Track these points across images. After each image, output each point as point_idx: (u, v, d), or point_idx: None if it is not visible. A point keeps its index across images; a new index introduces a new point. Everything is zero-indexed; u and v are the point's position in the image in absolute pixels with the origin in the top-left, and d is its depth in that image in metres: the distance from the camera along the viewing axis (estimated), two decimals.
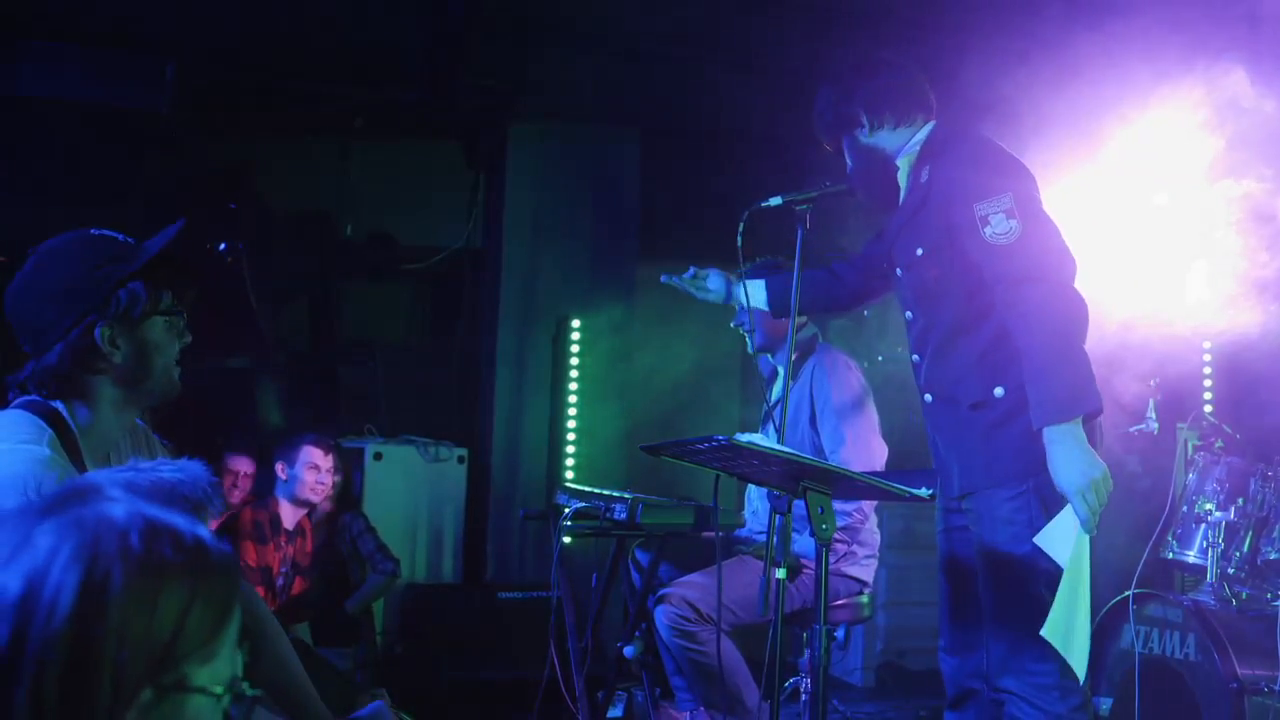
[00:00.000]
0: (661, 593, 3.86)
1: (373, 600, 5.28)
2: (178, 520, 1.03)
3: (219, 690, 1.03)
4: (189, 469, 1.64)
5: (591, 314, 6.18)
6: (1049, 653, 2.75)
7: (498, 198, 6.34)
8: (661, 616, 3.78)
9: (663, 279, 3.69)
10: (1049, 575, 2.75)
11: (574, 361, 6.15)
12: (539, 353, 6.24)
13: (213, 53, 5.23)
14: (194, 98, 5.17)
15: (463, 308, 6.58)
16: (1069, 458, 2.65)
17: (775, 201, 3.10)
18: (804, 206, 3.09)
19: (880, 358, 5.39)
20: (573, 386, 6.15)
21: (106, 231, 2.14)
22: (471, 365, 6.46)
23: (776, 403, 3.88)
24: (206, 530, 1.06)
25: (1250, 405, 6.02)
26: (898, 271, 3.08)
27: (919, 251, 2.95)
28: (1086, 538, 2.67)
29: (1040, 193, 2.91)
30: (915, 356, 3.06)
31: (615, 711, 4.11)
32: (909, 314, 3.07)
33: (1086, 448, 2.66)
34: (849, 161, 3.10)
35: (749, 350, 4.19)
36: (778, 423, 3.19)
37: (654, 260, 6.43)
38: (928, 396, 3.02)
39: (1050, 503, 2.76)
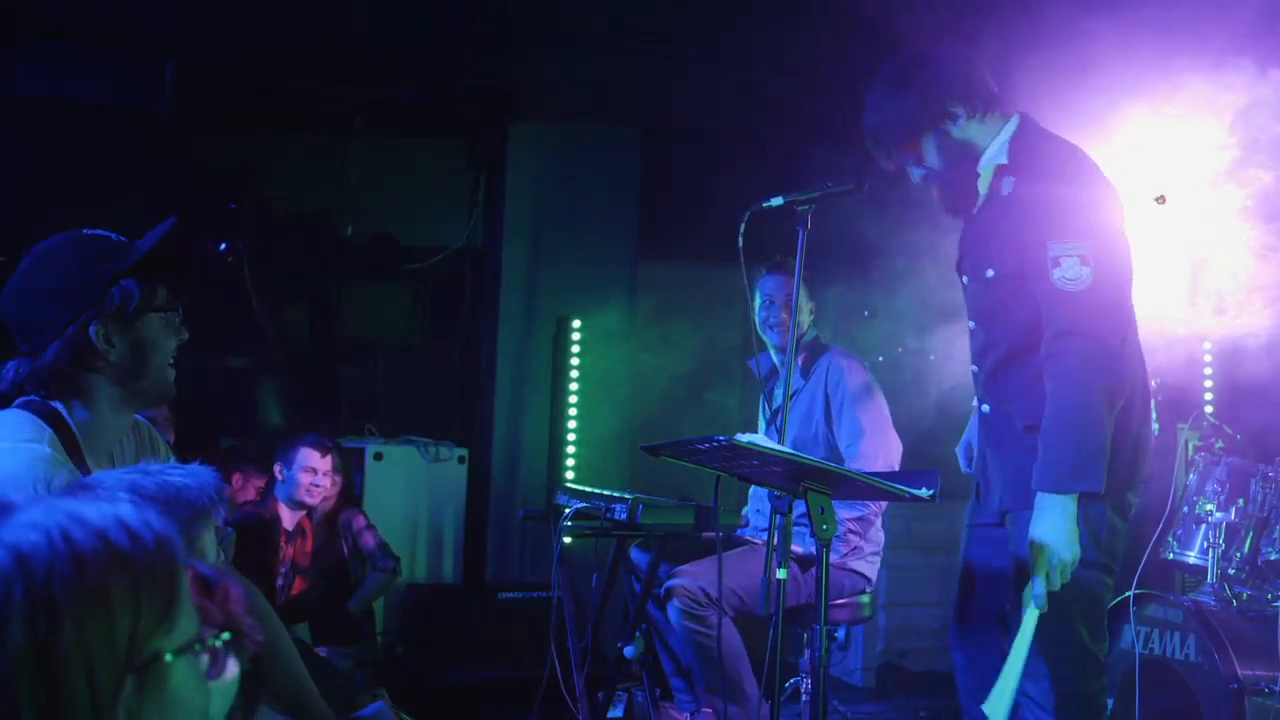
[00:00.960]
0: (674, 573, 3.87)
1: (374, 598, 5.28)
2: (91, 512, 1.02)
3: (193, 648, 1.05)
4: (198, 474, 1.64)
5: (591, 314, 6.18)
6: (1074, 661, 2.74)
7: (498, 198, 6.34)
8: (673, 596, 3.80)
9: None
10: (1082, 588, 2.73)
11: (574, 361, 6.14)
12: (539, 353, 6.23)
13: (213, 53, 5.23)
14: (194, 98, 5.17)
15: (463, 308, 6.58)
16: (1050, 529, 2.62)
17: (776, 202, 3.09)
18: (805, 207, 3.08)
19: (881, 358, 5.39)
20: (573, 386, 6.15)
21: (99, 231, 2.15)
22: (471, 365, 6.46)
23: (779, 408, 3.88)
24: (126, 510, 1.05)
25: (1250, 405, 6.02)
26: (964, 279, 3.00)
27: (989, 273, 2.85)
28: (1035, 613, 2.63)
29: (1123, 212, 2.80)
30: (975, 367, 3.00)
31: (615, 711, 4.11)
32: (972, 324, 2.99)
33: (1070, 526, 2.62)
34: (937, 162, 2.89)
35: (770, 343, 4.17)
36: (780, 425, 3.18)
37: (654, 260, 6.45)
38: (985, 407, 2.96)
39: (1096, 529, 2.73)
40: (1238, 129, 3.83)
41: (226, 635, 1.11)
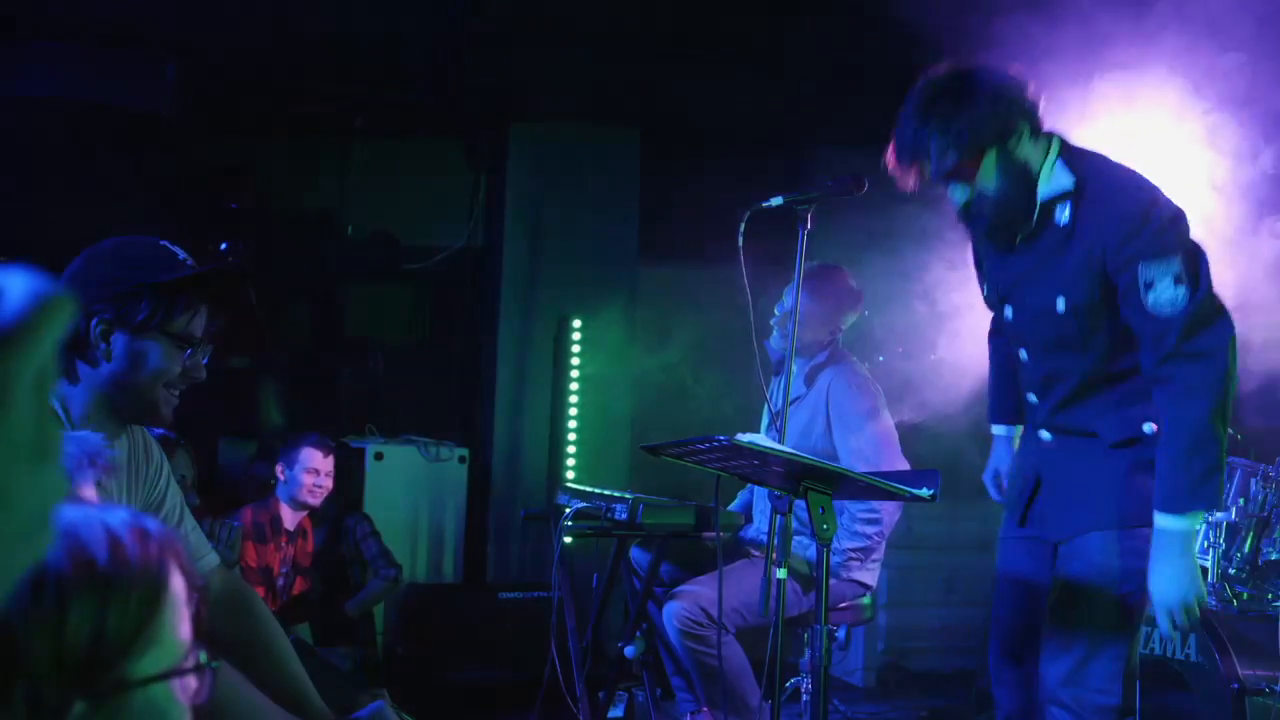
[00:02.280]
0: (674, 592, 3.86)
1: (373, 604, 5.28)
2: (78, 519, 0.97)
3: (172, 674, 1.00)
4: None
5: (591, 314, 6.18)
6: (1121, 674, 2.70)
7: (498, 198, 6.34)
8: (672, 618, 3.78)
9: None
10: (1139, 606, 2.69)
11: (574, 361, 6.14)
12: (539, 353, 6.23)
13: (213, 52, 5.23)
14: (194, 98, 5.17)
15: (463, 308, 6.58)
16: (1170, 563, 2.55)
17: (776, 202, 3.08)
18: (805, 207, 3.07)
19: (881, 358, 5.39)
20: (573, 386, 6.15)
21: (165, 243, 2.12)
22: (471, 365, 6.46)
23: (779, 411, 3.87)
24: (119, 517, 0.99)
25: (1250, 405, 6.02)
26: (1008, 311, 2.84)
27: (1061, 304, 2.68)
28: None
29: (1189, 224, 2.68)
30: (1032, 397, 2.86)
31: (616, 711, 4.10)
32: (1024, 354, 2.84)
33: (1193, 559, 2.54)
34: (994, 182, 2.66)
35: (785, 352, 4.11)
36: (781, 425, 3.18)
37: (654, 260, 6.45)
38: (1045, 434, 2.84)
39: (1145, 544, 2.65)
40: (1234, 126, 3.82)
41: (215, 664, 1.05)
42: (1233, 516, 4.00)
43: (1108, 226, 2.59)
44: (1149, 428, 2.65)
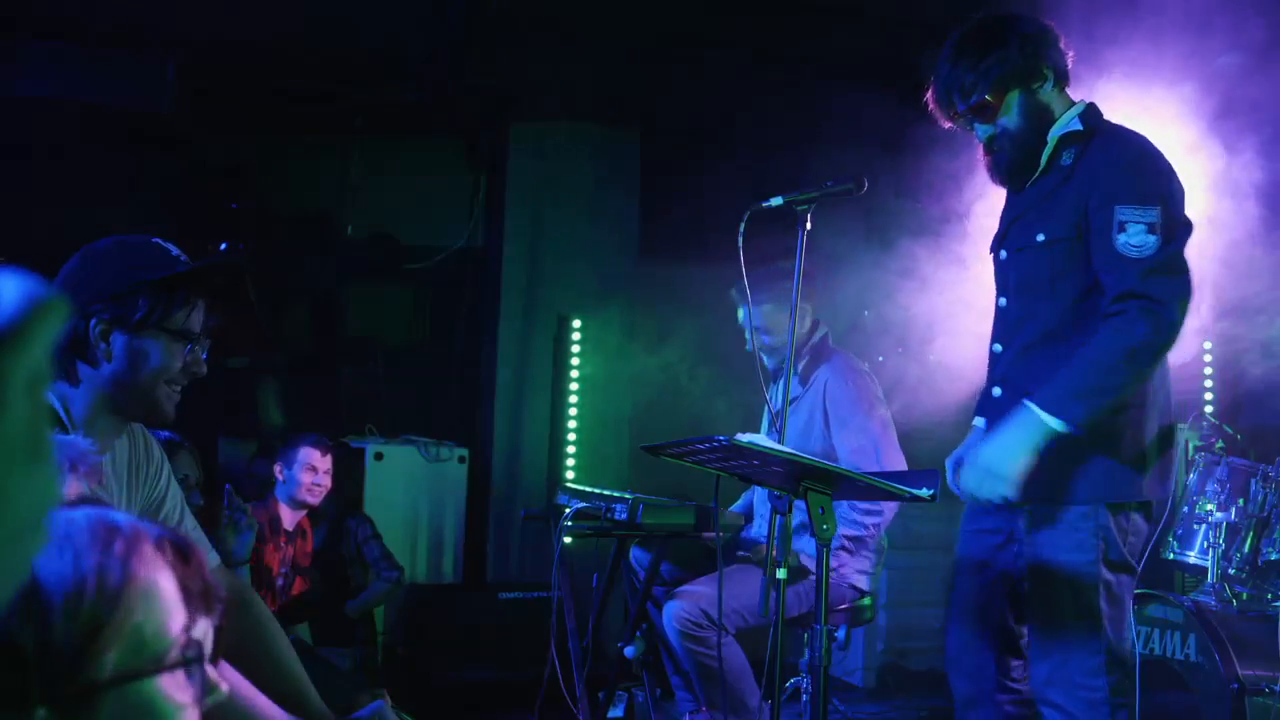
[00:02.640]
0: (674, 592, 3.86)
1: (374, 606, 5.29)
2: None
3: (144, 671, 0.98)
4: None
5: (591, 314, 6.18)
6: (1104, 667, 2.71)
7: (498, 198, 6.34)
8: (672, 620, 3.78)
9: None
10: (1107, 585, 2.72)
11: (574, 361, 6.14)
12: (539, 353, 6.23)
13: (213, 52, 5.23)
14: (194, 98, 5.17)
15: (463, 308, 6.58)
16: (1008, 436, 2.65)
17: (776, 201, 3.08)
18: (805, 207, 3.07)
19: (881, 358, 5.39)
20: (573, 386, 6.14)
21: (159, 240, 2.13)
22: (471, 365, 6.46)
23: (778, 411, 3.87)
24: (82, 523, 0.97)
25: (1250, 405, 6.02)
26: (1003, 254, 2.93)
27: (1040, 237, 2.79)
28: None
29: (1184, 198, 2.76)
30: (998, 346, 2.93)
31: (616, 711, 4.10)
32: (1003, 300, 2.92)
33: (1027, 451, 2.62)
34: (1015, 120, 2.83)
35: (768, 365, 4.15)
36: (780, 425, 3.18)
37: (654, 260, 6.45)
38: (996, 390, 2.89)
39: (1124, 522, 2.72)
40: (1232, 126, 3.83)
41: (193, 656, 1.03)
42: (1232, 517, 4.00)
43: (1100, 168, 2.72)
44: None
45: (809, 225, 3.07)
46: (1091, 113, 2.85)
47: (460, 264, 6.46)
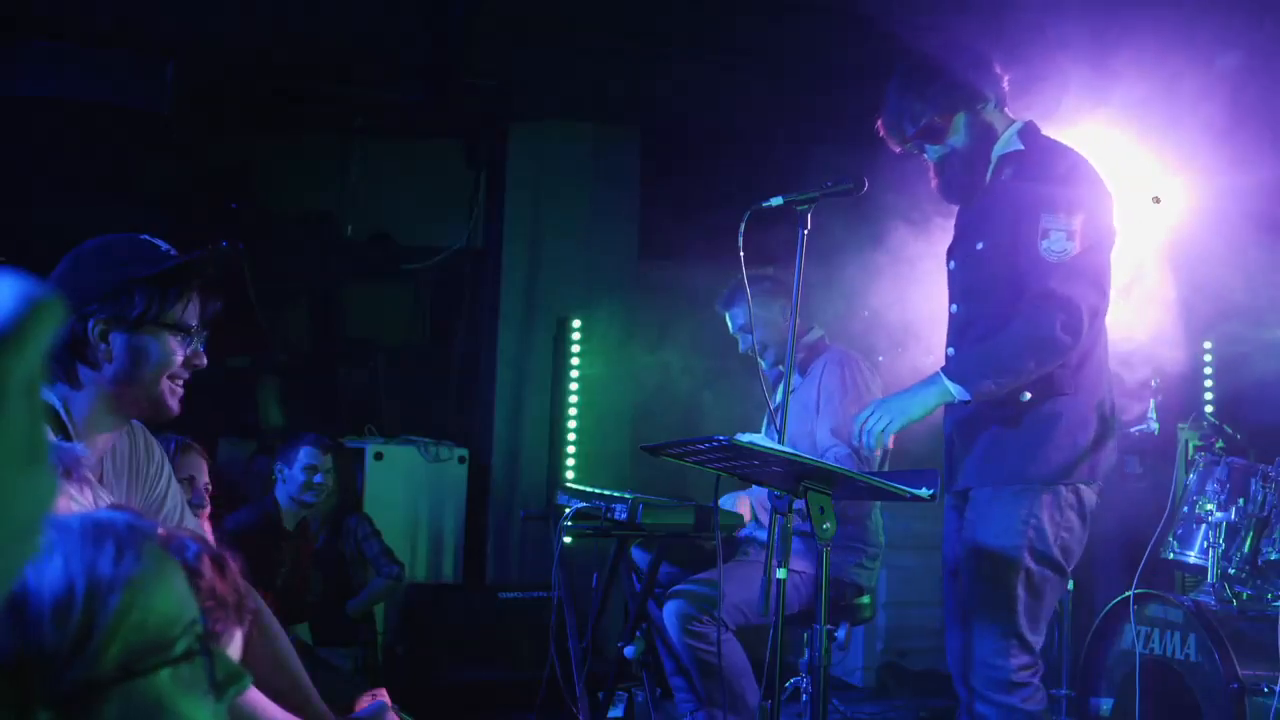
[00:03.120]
0: (673, 589, 3.87)
1: (375, 603, 5.28)
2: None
3: (144, 667, 0.97)
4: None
5: (591, 314, 6.18)
6: (1010, 650, 2.88)
7: (498, 198, 6.33)
8: (672, 615, 3.79)
9: None
10: (1030, 578, 2.88)
11: (574, 361, 6.14)
12: (539, 353, 6.23)
13: (213, 53, 5.23)
14: (194, 98, 5.17)
15: (463, 308, 6.57)
16: (911, 393, 2.92)
17: (776, 202, 3.09)
18: (805, 207, 3.08)
19: (881, 358, 5.39)
20: (573, 386, 6.14)
21: (147, 236, 2.13)
22: (471, 365, 6.46)
23: (779, 406, 3.88)
24: (83, 521, 0.97)
25: (1250, 405, 6.02)
26: (952, 264, 3.14)
27: (979, 245, 3.01)
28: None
29: (1112, 211, 2.98)
30: (950, 349, 3.12)
31: (615, 712, 4.10)
32: (954, 307, 3.13)
33: (923, 408, 2.89)
34: (962, 140, 3.03)
35: (764, 367, 4.21)
36: (780, 424, 3.18)
37: (654, 260, 6.45)
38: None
39: (1054, 511, 2.88)
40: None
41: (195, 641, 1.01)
42: (1232, 516, 4.00)
43: (1030, 181, 2.93)
44: (1025, 396, 2.89)
45: (809, 226, 3.08)
46: (1029, 130, 3.05)
47: (460, 264, 6.45)
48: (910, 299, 4.26)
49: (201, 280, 2.13)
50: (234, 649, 1.21)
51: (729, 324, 4.28)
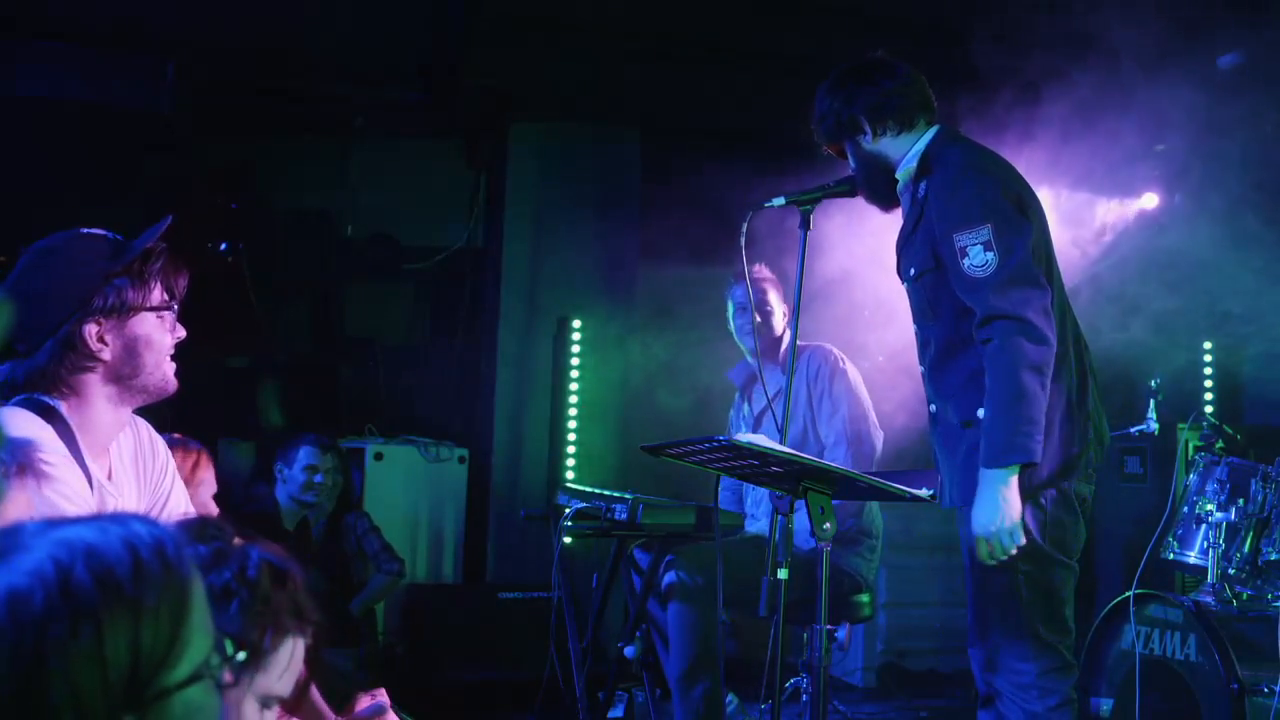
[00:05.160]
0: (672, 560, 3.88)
1: (378, 600, 5.29)
2: (98, 541, 0.95)
3: (204, 672, 1.00)
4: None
5: (591, 314, 6.18)
6: (1029, 653, 2.87)
7: (498, 198, 6.33)
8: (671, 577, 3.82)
9: None
10: (1029, 577, 2.88)
11: (574, 361, 6.14)
12: (539, 353, 6.23)
13: (213, 53, 5.22)
14: (194, 98, 5.16)
15: (463, 308, 6.57)
16: (987, 502, 2.76)
17: (778, 202, 3.09)
18: (807, 207, 3.08)
19: (881, 358, 5.39)
20: (573, 386, 6.14)
21: (95, 230, 2.15)
22: (471, 365, 6.46)
23: (774, 397, 3.89)
24: (137, 530, 0.98)
25: (1250, 405, 6.03)
26: (904, 285, 3.14)
27: (913, 272, 3.02)
28: None
29: (1029, 193, 2.95)
30: (921, 367, 3.13)
31: (615, 712, 4.10)
32: (915, 326, 3.13)
33: (1007, 498, 2.75)
34: (853, 166, 3.12)
35: (747, 350, 4.22)
36: (779, 422, 3.19)
37: (654, 260, 6.45)
38: (933, 406, 3.08)
39: (1035, 513, 2.86)
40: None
41: (241, 654, 1.05)
42: (1232, 516, 4.00)
43: (935, 200, 2.92)
44: (981, 413, 2.85)
45: (810, 225, 3.08)
46: (934, 141, 3.00)
47: (460, 264, 6.45)
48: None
49: (166, 256, 2.16)
50: (292, 660, 1.23)
51: (738, 296, 4.21)
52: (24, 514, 1.35)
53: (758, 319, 4.11)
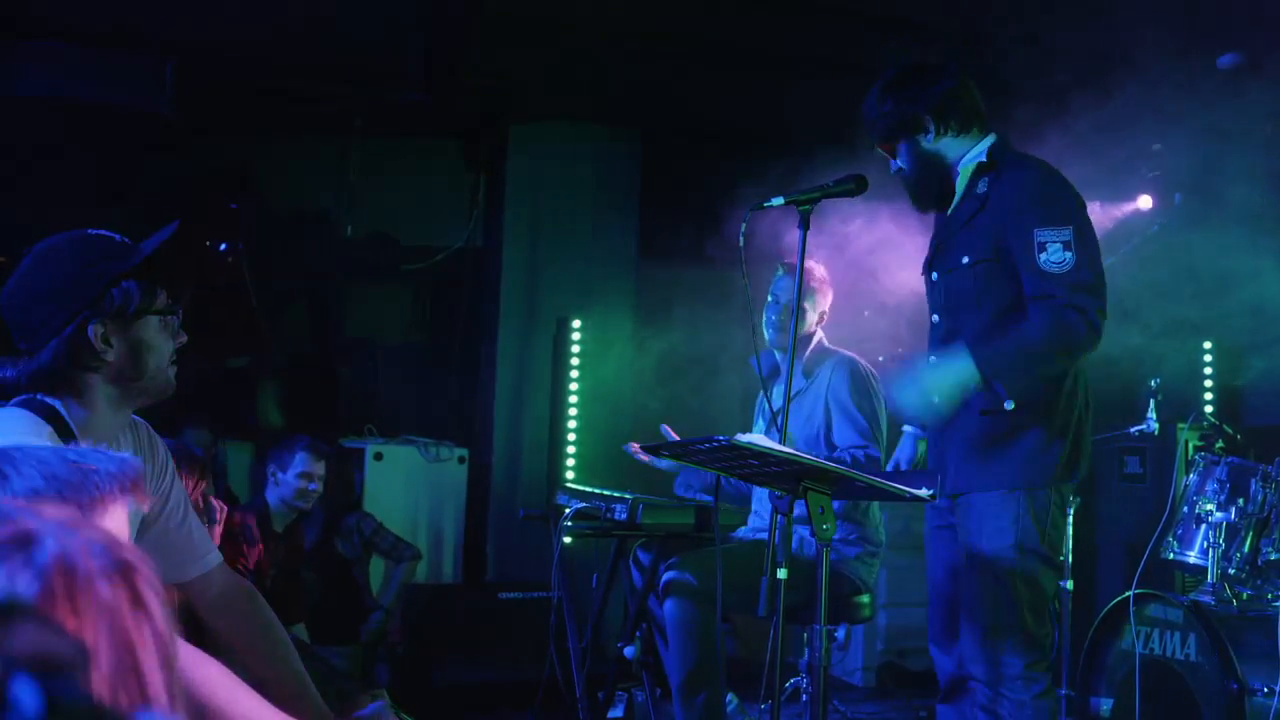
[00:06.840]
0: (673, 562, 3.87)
1: (401, 587, 5.33)
2: None
3: None
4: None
5: (591, 314, 6.18)
6: (1019, 646, 2.99)
7: (498, 198, 6.34)
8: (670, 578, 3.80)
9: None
10: (1026, 574, 2.99)
11: (574, 361, 6.14)
12: (539, 353, 6.23)
13: (213, 53, 5.22)
14: (194, 98, 5.16)
15: (463, 308, 6.57)
16: (950, 376, 2.97)
17: (777, 202, 3.09)
18: (806, 207, 3.08)
19: (881, 358, 5.39)
20: (573, 386, 6.14)
21: (103, 231, 2.15)
22: (471, 365, 6.46)
23: (781, 410, 3.88)
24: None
25: (1250, 405, 6.02)
26: (934, 275, 3.21)
27: (964, 259, 3.08)
28: None
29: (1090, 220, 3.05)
30: (933, 358, 3.18)
31: (615, 711, 4.10)
32: (936, 318, 3.20)
33: (958, 391, 2.97)
34: (905, 164, 3.20)
35: (768, 341, 4.17)
36: (780, 424, 3.19)
37: (654, 260, 6.45)
38: (937, 398, 3.11)
39: (1039, 511, 3.00)
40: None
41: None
42: (1232, 516, 4.00)
43: (1011, 196, 3.01)
44: (1010, 404, 2.99)
45: (809, 225, 3.08)
46: (998, 146, 3.13)
47: (460, 264, 6.45)
48: (910, 296, 4.27)
49: (173, 261, 2.16)
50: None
51: (778, 288, 4.19)
52: (122, 531, 1.31)
53: (786, 317, 4.07)
